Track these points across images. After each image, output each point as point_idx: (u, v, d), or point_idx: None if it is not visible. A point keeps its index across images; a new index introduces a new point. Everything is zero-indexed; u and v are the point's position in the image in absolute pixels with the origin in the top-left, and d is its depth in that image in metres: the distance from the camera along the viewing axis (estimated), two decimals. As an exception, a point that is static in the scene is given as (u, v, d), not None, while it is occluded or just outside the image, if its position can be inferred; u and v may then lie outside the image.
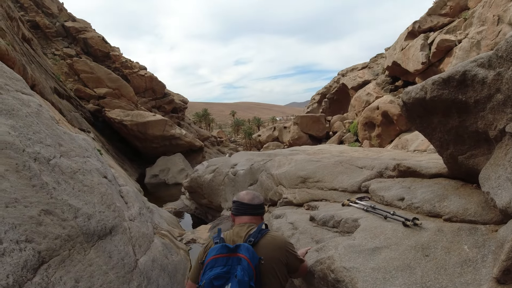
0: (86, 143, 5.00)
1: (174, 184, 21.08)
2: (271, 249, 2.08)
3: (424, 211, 2.59)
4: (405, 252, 2.08)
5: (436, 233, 2.18)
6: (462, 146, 2.63)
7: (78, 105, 24.20)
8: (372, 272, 1.97)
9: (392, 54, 23.72)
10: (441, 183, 2.91)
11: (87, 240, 3.13)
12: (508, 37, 1.96)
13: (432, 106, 2.58)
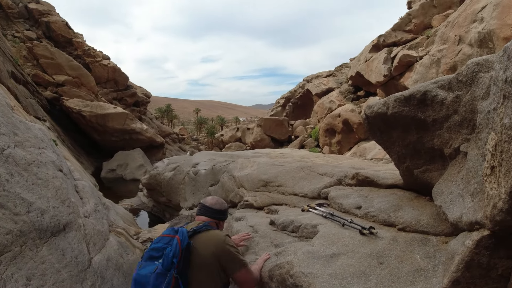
0: (42, 134, 4.80)
1: (131, 180, 20.60)
2: (208, 243, 2.20)
3: (380, 220, 2.70)
4: (361, 259, 2.17)
5: (391, 242, 2.28)
6: (418, 161, 2.76)
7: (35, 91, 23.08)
8: (329, 278, 2.05)
9: (356, 64, 24.41)
10: (396, 194, 3.03)
11: (40, 237, 3.01)
12: (470, 63, 2.10)
13: (392, 121, 2.70)
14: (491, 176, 1.63)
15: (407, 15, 21.33)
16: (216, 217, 2.51)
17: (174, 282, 2.00)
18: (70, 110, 24.22)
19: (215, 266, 2.16)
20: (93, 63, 31.99)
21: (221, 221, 2.58)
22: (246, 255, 2.93)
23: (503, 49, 1.58)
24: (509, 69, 1.43)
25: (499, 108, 1.55)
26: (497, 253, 1.69)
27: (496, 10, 11.43)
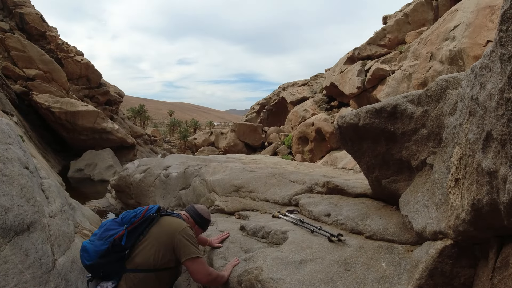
0: (9, 129, 4.63)
1: (100, 181, 20.09)
2: (171, 224, 2.41)
3: (348, 227, 2.76)
4: (329, 266, 2.22)
5: (358, 250, 2.34)
6: (386, 171, 2.85)
7: (4, 84, 22.24)
8: (298, 284, 2.08)
9: (331, 75, 24.85)
10: (365, 203, 3.11)
11: (3, 235, 2.90)
12: (439, 80, 2.19)
13: (363, 132, 2.77)
14: (455, 188, 1.70)
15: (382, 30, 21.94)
16: (195, 219, 2.71)
17: (120, 235, 2.27)
18: (39, 105, 23.44)
19: (166, 246, 2.31)
20: (65, 58, 31.15)
21: (197, 226, 2.72)
22: (215, 260, 2.92)
23: (471, 68, 1.66)
24: (475, 87, 1.51)
25: (465, 124, 1.63)
26: (459, 262, 1.76)
27: (468, 29, 11.91)
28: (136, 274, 2.24)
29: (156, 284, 2.31)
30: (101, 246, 2.24)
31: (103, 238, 2.28)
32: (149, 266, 2.27)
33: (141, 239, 2.33)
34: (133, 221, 2.35)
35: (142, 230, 2.36)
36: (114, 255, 2.24)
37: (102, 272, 2.27)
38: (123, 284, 2.24)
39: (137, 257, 2.27)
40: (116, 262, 2.25)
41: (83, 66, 32.62)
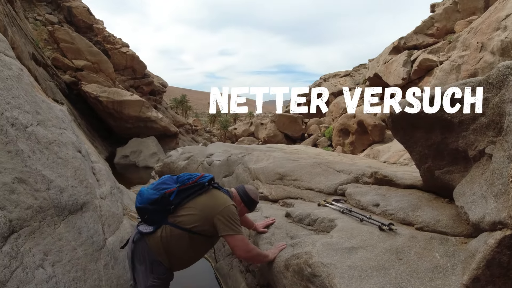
0: (63, 115, 4.86)
1: (144, 167, 20.79)
2: (216, 198, 2.57)
3: (398, 218, 2.68)
4: (380, 254, 2.18)
5: (410, 239, 2.29)
6: (440, 162, 2.73)
7: (54, 74, 23.41)
8: (349, 269, 2.06)
9: (375, 66, 24.19)
10: (415, 194, 3.01)
11: (58, 214, 3.06)
12: (501, 66, 2.07)
13: (417, 120, 2.67)
14: (517, 178, 1.61)
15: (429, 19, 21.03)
16: (242, 198, 2.82)
17: (171, 191, 2.48)
18: (87, 95, 24.50)
19: (207, 217, 2.48)
20: (112, 50, 32.26)
21: (243, 204, 2.83)
22: (261, 245, 2.97)
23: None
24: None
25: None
26: (518, 253, 1.68)
27: (520, 19, 11.22)
28: (173, 229, 2.46)
29: (187, 245, 2.50)
30: (153, 195, 2.48)
31: (157, 189, 2.51)
32: (187, 226, 2.46)
33: (188, 201, 2.53)
34: (186, 183, 2.56)
35: (191, 193, 2.55)
36: (160, 206, 2.48)
37: (147, 217, 2.53)
38: (159, 232, 2.46)
39: (179, 215, 2.48)
40: (161, 213, 2.49)
41: (128, 57, 33.66)
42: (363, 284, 1.93)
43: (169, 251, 2.48)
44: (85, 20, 30.88)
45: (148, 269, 2.48)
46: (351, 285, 1.93)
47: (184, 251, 2.54)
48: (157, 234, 2.47)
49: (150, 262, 2.48)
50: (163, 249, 2.46)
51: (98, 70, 28.02)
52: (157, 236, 2.46)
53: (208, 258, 5.32)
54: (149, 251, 2.47)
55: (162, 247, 2.46)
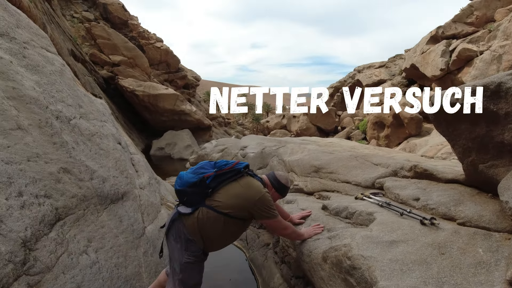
0: (104, 108, 5.03)
1: (179, 159, 21.15)
2: (251, 186, 2.66)
3: (439, 213, 2.61)
4: (422, 248, 2.13)
5: (453, 234, 2.23)
6: (484, 155, 2.62)
7: (92, 70, 24.18)
8: (390, 263, 2.03)
9: (411, 56, 23.43)
10: (457, 189, 2.91)
11: (101, 203, 3.18)
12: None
13: (462, 112, 2.57)
14: None
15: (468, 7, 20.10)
16: (274, 184, 2.92)
17: (208, 176, 2.60)
18: (124, 89, 25.14)
19: (241, 203, 2.60)
20: (146, 45, 32.89)
21: (274, 190, 2.91)
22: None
23: None
24: None
25: None
26: None
27: None
28: (209, 211, 2.57)
29: (222, 227, 2.61)
30: (192, 178, 2.61)
31: (196, 173, 2.65)
32: (223, 210, 2.57)
33: (224, 186, 2.64)
34: (223, 168, 2.68)
35: (227, 178, 2.66)
36: (198, 189, 2.60)
37: (186, 199, 2.65)
38: (196, 214, 2.58)
39: (215, 199, 2.60)
40: (198, 195, 2.61)
41: (162, 52, 34.22)
42: (405, 278, 1.90)
43: (204, 232, 2.59)
44: (120, 16, 31.62)
45: (183, 246, 2.60)
46: (392, 278, 1.90)
47: (218, 233, 2.65)
48: (194, 215, 2.59)
49: (185, 240, 2.59)
50: (198, 230, 2.58)
51: (133, 65, 28.68)
52: (194, 217, 2.58)
53: (242, 248, 5.38)
54: (185, 230, 2.59)
55: (198, 227, 2.58)
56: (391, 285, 1.85)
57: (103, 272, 2.72)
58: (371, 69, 29.34)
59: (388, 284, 1.86)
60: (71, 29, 24.14)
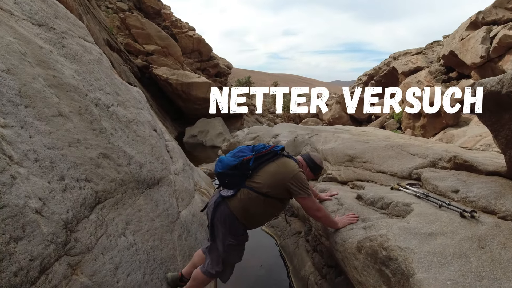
0: (140, 96, 5.13)
1: (211, 147, 21.42)
2: (286, 165, 2.79)
3: (479, 206, 2.51)
4: (461, 241, 2.07)
5: (494, 228, 2.14)
6: (529, 147, 2.50)
7: (127, 59, 24.75)
8: (428, 255, 1.98)
9: (450, 43, 22.52)
10: (498, 182, 2.79)
11: (138, 187, 3.27)
12: None
13: (506, 101, 2.44)
14: None
15: (511, -9, 19.03)
16: (308, 163, 3.10)
17: (249, 158, 2.74)
18: (158, 77, 25.60)
19: (278, 182, 2.72)
20: (179, 34, 33.26)
21: (309, 169, 3.10)
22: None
23: None
24: None
25: None
26: None
27: None
28: (250, 192, 2.72)
29: (262, 206, 2.76)
30: (232, 161, 2.75)
31: (236, 156, 2.79)
32: (262, 190, 2.71)
33: (263, 167, 2.78)
34: (261, 151, 2.82)
35: (265, 160, 2.80)
36: (239, 171, 2.74)
37: (226, 181, 2.80)
38: (238, 195, 2.73)
39: (255, 180, 2.74)
40: (239, 177, 2.75)
41: (195, 41, 34.51)
42: (443, 271, 1.85)
43: (248, 211, 2.74)
44: (153, 6, 32.06)
45: (228, 229, 2.75)
46: (430, 270, 1.85)
47: (260, 212, 2.80)
48: (236, 197, 2.73)
49: (230, 222, 2.74)
50: (242, 209, 2.73)
51: (167, 53, 29.11)
52: (237, 198, 2.73)
53: (274, 235, 5.41)
54: (230, 212, 2.73)
55: (242, 207, 2.72)
56: (428, 277, 1.80)
57: (140, 254, 2.80)
58: (408, 56, 28.42)
59: (426, 277, 1.81)
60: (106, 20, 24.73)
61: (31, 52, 2.89)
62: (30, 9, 3.34)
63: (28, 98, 2.53)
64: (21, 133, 2.29)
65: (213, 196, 2.94)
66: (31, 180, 2.15)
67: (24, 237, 1.89)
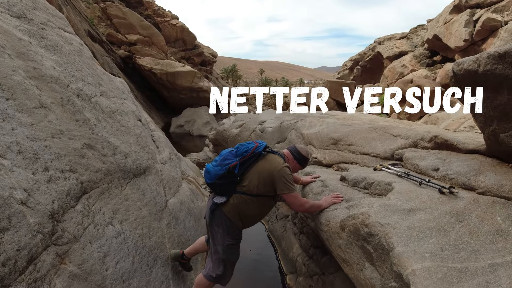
0: (123, 86, 5.09)
1: (198, 136, 21.39)
2: (272, 161, 2.89)
3: (459, 183, 2.59)
4: (439, 216, 2.14)
5: (471, 203, 2.22)
6: (506, 124, 2.57)
7: (109, 50, 24.38)
8: (407, 230, 2.05)
9: (434, 26, 22.68)
10: (477, 159, 2.88)
11: (124, 177, 3.27)
12: None
13: (483, 80, 2.50)
14: None
15: (495, -27, 19.18)
16: (295, 156, 3.16)
17: (234, 165, 2.82)
18: (142, 68, 25.31)
19: (266, 179, 2.83)
20: (162, 22, 32.85)
21: (296, 161, 3.17)
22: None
23: None
24: None
25: None
26: None
27: None
28: (242, 196, 2.85)
29: (256, 206, 2.89)
30: (219, 171, 2.84)
31: (221, 165, 2.87)
32: (253, 192, 2.84)
33: (249, 170, 2.88)
34: (244, 155, 2.90)
35: (251, 163, 2.90)
36: (228, 179, 2.84)
37: (218, 190, 2.91)
38: (231, 200, 2.85)
39: (244, 183, 2.85)
40: (229, 185, 2.86)
41: (178, 29, 34.12)
42: (421, 244, 1.92)
43: (242, 213, 2.88)
44: (135, -6, 31.52)
45: (225, 231, 2.88)
46: (409, 244, 1.92)
47: (254, 212, 2.93)
48: (229, 202, 2.86)
49: (227, 225, 2.87)
50: (237, 213, 2.87)
51: (150, 43, 28.75)
52: (230, 204, 2.85)
53: (262, 220, 5.48)
54: (225, 216, 2.86)
55: (236, 211, 2.86)
56: (407, 250, 1.87)
57: (128, 242, 2.83)
58: (392, 41, 28.56)
59: (405, 250, 1.88)
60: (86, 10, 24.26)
61: (10, 44, 2.86)
62: (8, 1, 3.29)
63: (9, 90, 2.51)
64: (3, 125, 2.28)
65: (208, 201, 3.07)
66: (15, 172, 2.14)
67: (11, 227, 1.89)
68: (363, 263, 2.23)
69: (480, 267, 1.73)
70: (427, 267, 1.76)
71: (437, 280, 1.68)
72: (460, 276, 1.70)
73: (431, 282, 1.67)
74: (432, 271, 1.73)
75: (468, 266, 1.75)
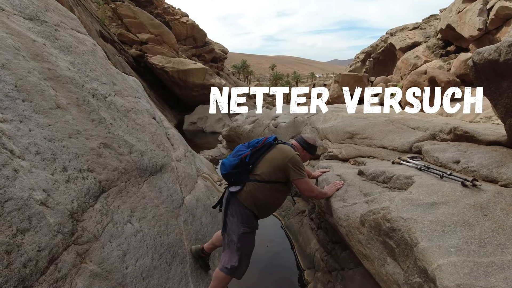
0: (137, 85, 5.11)
1: (211, 133, 21.43)
2: (282, 151, 3.07)
3: (481, 175, 2.52)
4: (463, 209, 2.08)
5: (495, 195, 2.15)
6: (528, 115, 2.50)
7: (121, 49, 24.56)
8: (430, 224, 2.00)
9: (447, 16, 22.26)
10: (499, 151, 2.80)
11: (141, 175, 3.29)
12: None
13: (504, 69, 2.42)
14: None
15: (509, -41, 18.69)
16: (302, 145, 3.38)
17: (246, 155, 3.03)
18: (154, 66, 25.43)
19: (277, 167, 3.00)
20: (172, 20, 32.93)
21: (305, 150, 3.38)
22: (333, 202, 3.05)
23: None
24: None
25: None
26: None
27: None
28: (255, 183, 3.01)
29: (269, 193, 3.04)
30: (233, 161, 3.06)
31: (235, 156, 3.09)
32: (265, 179, 3.00)
33: (261, 159, 3.07)
34: (256, 146, 3.12)
35: (262, 153, 3.10)
36: (241, 168, 3.04)
37: (232, 179, 3.08)
38: (245, 188, 3.01)
39: (257, 172, 3.03)
40: (242, 173, 3.04)
41: (189, 27, 34.18)
42: (446, 239, 1.87)
43: (257, 200, 3.01)
44: (144, -7, 31.64)
45: (239, 220, 2.99)
46: (433, 239, 1.88)
47: (268, 199, 3.06)
48: (244, 190, 3.00)
49: (241, 214, 2.99)
50: (252, 200, 3.00)
51: (161, 41, 28.87)
52: (244, 191, 3.00)
53: (278, 216, 5.46)
54: (241, 204, 3.00)
55: (252, 199, 3.00)
56: (432, 245, 1.83)
57: (147, 239, 2.84)
58: (405, 32, 28.14)
59: (430, 245, 1.83)
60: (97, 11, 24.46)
61: (24, 46, 2.88)
62: (20, 4, 3.31)
63: (25, 92, 2.53)
64: (20, 127, 2.30)
65: (223, 195, 3.24)
66: (34, 173, 2.16)
67: (31, 228, 1.91)
68: (385, 259, 2.19)
69: (507, 261, 1.68)
70: (453, 262, 1.71)
71: (464, 275, 1.64)
72: (487, 270, 1.65)
73: (457, 277, 1.63)
74: (458, 266, 1.69)
75: (495, 260, 1.70)
